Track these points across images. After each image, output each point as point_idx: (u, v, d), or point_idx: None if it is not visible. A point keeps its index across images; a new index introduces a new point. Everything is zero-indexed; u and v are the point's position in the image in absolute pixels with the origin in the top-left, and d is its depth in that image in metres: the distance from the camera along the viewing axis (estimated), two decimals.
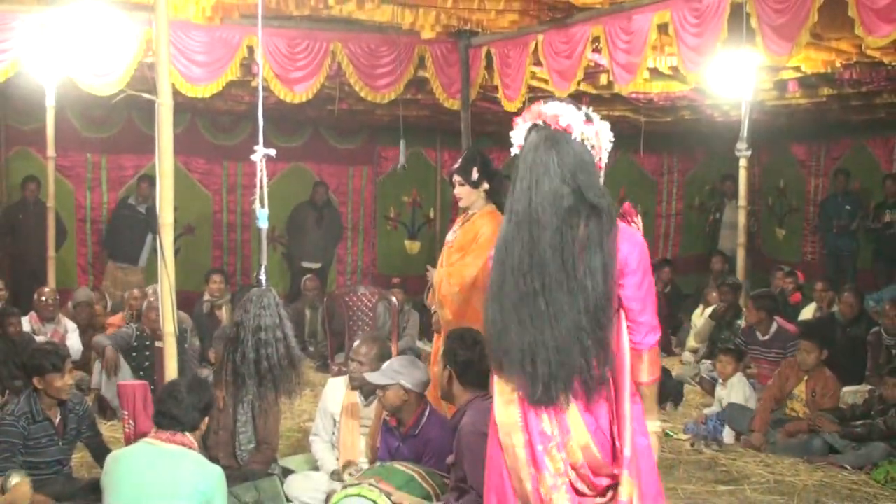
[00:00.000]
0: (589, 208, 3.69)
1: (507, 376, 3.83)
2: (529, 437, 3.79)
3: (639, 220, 4.04)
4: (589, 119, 3.87)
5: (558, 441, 3.75)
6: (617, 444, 3.77)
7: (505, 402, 3.86)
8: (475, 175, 6.50)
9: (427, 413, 5.61)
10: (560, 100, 3.99)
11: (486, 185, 6.53)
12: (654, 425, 3.96)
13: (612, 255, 3.70)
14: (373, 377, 5.62)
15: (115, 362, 8.30)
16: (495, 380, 3.93)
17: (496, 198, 6.52)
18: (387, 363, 5.72)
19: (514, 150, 3.98)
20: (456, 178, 6.62)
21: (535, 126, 3.88)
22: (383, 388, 5.57)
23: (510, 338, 3.76)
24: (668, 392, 9.22)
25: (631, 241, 3.80)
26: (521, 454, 3.79)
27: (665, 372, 9.42)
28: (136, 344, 8.78)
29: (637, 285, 3.77)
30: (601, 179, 3.85)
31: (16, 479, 5.35)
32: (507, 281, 3.78)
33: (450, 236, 6.89)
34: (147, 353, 8.72)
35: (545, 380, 3.69)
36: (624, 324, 3.82)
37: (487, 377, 4.29)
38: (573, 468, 3.76)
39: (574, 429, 3.73)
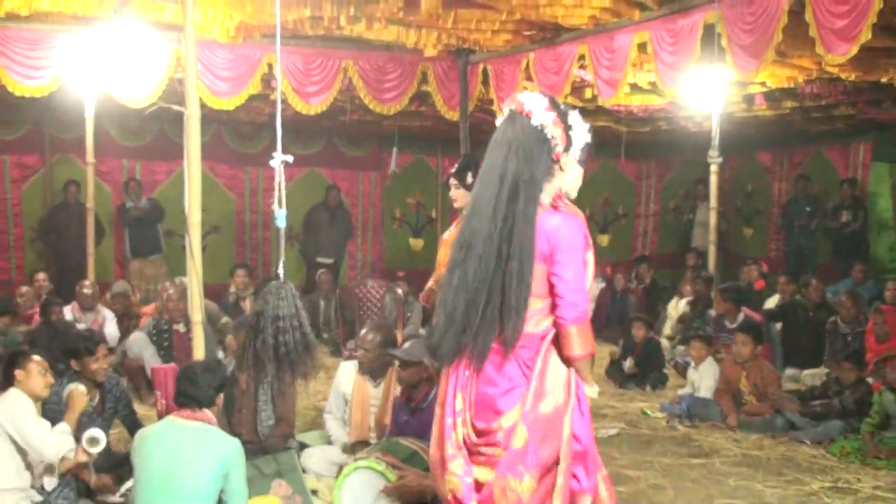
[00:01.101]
0: (515, 186, 3.71)
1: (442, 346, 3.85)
2: (444, 410, 3.89)
3: (566, 204, 3.94)
4: (559, 113, 3.86)
5: (463, 417, 3.83)
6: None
7: (443, 377, 3.98)
8: (469, 179, 6.52)
9: (434, 389, 5.63)
10: (542, 93, 4.04)
11: None
12: (592, 391, 3.89)
13: (529, 235, 3.68)
14: (401, 353, 5.65)
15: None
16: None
17: None
18: (408, 345, 5.75)
19: None
20: (452, 181, 6.62)
21: (510, 111, 3.95)
22: (405, 365, 5.59)
23: (448, 301, 3.81)
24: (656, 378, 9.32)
25: (556, 227, 3.73)
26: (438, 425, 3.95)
27: (660, 362, 9.48)
28: (155, 330, 8.79)
29: (561, 265, 3.71)
30: (552, 168, 3.83)
31: (70, 386, 5.44)
32: (453, 251, 3.90)
33: (446, 234, 6.93)
34: (166, 336, 8.74)
35: (468, 340, 3.75)
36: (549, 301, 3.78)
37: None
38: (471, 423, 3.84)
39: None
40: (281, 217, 5.45)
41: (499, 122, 4.06)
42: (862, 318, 9.25)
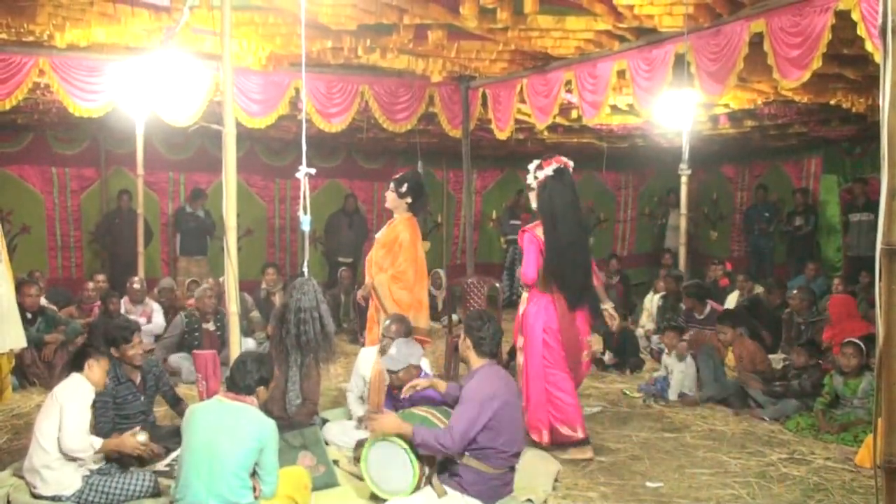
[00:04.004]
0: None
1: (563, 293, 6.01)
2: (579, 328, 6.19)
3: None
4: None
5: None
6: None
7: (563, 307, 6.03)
8: (404, 189, 7.03)
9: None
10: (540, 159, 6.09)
11: (409, 199, 7.03)
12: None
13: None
14: (392, 366, 5.64)
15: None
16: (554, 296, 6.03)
17: (415, 209, 7.09)
18: (393, 351, 5.73)
19: (534, 177, 6.11)
20: (391, 185, 7.12)
21: (558, 167, 6.04)
22: (397, 371, 5.60)
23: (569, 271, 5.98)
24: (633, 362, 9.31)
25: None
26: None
27: (635, 348, 9.49)
28: (187, 328, 8.78)
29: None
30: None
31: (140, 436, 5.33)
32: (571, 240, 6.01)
33: (379, 234, 7.27)
34: (196, 334, 8.73)
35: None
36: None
37: (497, 349, 4.99)
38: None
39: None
40: (306, 222, 5.46)
41: (549, 171, 6.02)
42: (814, 310, 9.27)
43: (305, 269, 5.77)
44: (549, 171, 6.04)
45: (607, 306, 6.47)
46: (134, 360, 5.86)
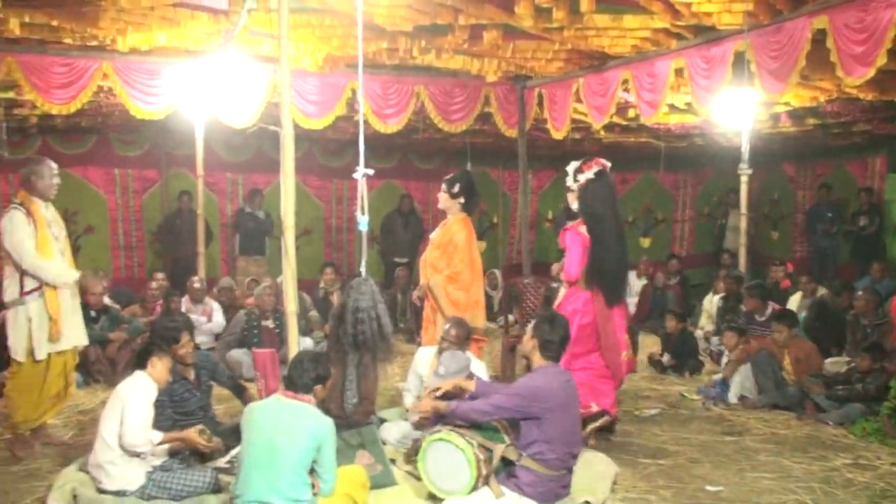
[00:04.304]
0: None
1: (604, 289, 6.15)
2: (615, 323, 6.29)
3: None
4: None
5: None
6: None
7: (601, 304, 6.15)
8: (456, 189, 7.08)
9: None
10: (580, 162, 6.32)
11: (462, 199, 7.07)
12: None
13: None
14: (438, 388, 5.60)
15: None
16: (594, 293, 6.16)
17: (468, 209, 7.13)
18: (441, 371, 5.82)
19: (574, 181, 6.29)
20: (443, 185, 7.18)
21: (599, 170, 6.24)
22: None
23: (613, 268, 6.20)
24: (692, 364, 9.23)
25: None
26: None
27: (694, 350, 9.41)
28: (247, 325, 8.89)
29: None
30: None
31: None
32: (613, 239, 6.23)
33: (433, 235, 7.31)
34: (256, 331, 8.83)
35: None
36: None
37: (561, 354, 5.03)
38: None
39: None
40: (364, 222, 5.49)
41: (590, 174, 6.20)
42: (880, 312, 9.05)
43: (363, 269, 5.80)
44: (590, 173, 6.24)
45: None
46: (185, 358, 5.95)
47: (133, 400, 5.15)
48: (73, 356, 6.49)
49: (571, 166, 6.35)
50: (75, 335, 6.38)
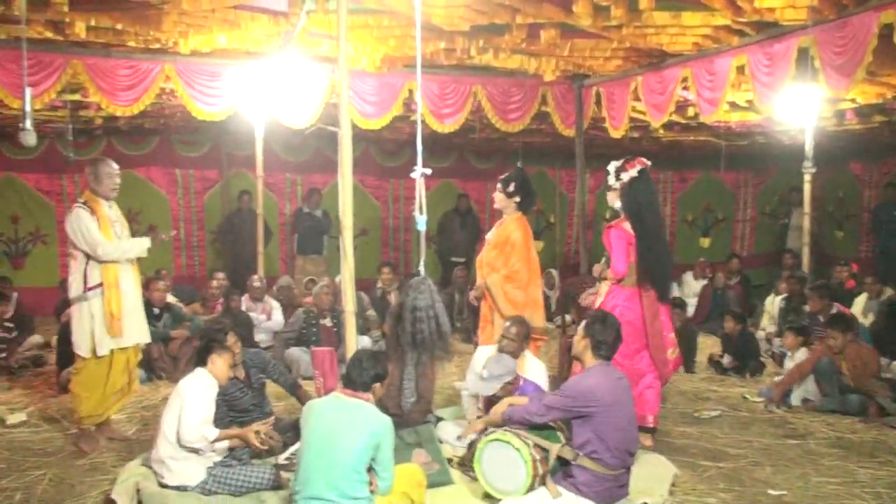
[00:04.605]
0: None
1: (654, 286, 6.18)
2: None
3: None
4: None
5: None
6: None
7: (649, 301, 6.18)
8: (511, 188, 7.03)
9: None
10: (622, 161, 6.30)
11: (517, 198, 7.03)
12: None
13: None
14: (486, 391, 5.86)
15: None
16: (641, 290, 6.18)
17: (523, 208, 7.09)
18: (485, 374, 5.86)
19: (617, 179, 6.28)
20: (498, 185, 7.14)
21: (642, 169, 6.20)
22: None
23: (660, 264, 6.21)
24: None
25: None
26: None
27: (755, 351, 9.28)
28: (305, 323, 8.96)
29: None
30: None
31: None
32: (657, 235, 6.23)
33: (489, 235, 7.26)
34: (314, 329, 8.91)
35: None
36: None
37: (613, 353, 5.03)
38: None
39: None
40: (421, 222, 5.49)
41: (633, 173, 6.18)
42: None
43: (422, 269, 5.81)
44: (633, 172, 6.24)
45: None
46: (232, 358, 6.00)
47: (192, 396, 5.24)
48: (135, 353, 6.62)
49: (612, 165, 6.35)
50: (137, 332, 6.50)
